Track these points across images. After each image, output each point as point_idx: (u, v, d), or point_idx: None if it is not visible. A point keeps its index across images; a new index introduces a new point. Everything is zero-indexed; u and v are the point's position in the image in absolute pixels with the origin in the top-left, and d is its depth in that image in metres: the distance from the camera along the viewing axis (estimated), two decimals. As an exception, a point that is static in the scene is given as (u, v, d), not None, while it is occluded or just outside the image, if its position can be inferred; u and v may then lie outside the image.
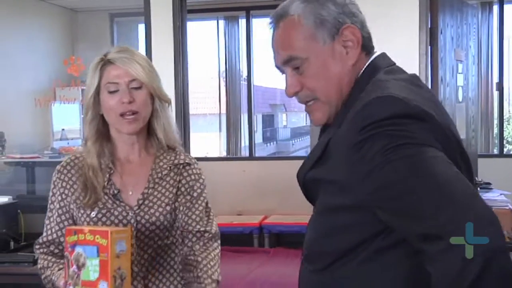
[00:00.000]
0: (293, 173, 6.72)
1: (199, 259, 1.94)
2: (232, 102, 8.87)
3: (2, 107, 5.32)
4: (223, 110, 9.29)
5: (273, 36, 1.50)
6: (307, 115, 1.53)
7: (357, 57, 1.44)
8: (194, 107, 9.28)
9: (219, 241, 2.04)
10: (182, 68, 4.11)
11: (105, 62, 1.89)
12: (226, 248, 6.56)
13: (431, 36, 4.46)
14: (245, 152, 8.82)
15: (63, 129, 6.12)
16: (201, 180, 2.00)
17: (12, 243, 3.39)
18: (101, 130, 1.91)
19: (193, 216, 1.97)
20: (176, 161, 1.95)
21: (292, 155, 15.73)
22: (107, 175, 1.90)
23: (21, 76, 5.57)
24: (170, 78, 5.45)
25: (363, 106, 1.32)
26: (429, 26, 4.46)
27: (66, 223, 1.90)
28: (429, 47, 4.44)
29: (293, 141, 20.12)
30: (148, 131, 1.95)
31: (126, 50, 1.90)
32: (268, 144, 18.72)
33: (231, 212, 7.19)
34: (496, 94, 7.23)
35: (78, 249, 1.65)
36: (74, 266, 1.65)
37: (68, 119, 6.27)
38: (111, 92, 1.86)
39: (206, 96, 10.84)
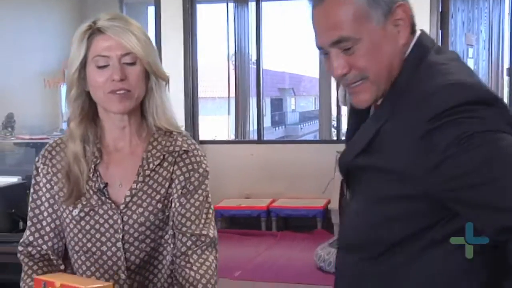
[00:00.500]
0: (301, 157, 6.77)
1: (197, 276, 1.61)
2: (241, 86, 8.85)
3: (12, 88, 5.33)
4: (232, 94, 9.27)
5: (315, 14, 1.36)
6: (347, 96, 1.51)
7: (407, 37, 1.36)
8: (202, 90, 9.23)
9: (217, 248, 1.69)
10: (191, 51, 4.09)
11: (94, 31, 1.56)
12: (234, 231, 6.60)
13: (442, 20, 4.43)
14: (253, 136, 8.81)
15: (72, 111, 6.13)
16: (200, 170, 1.65)
17: (21, 223, 3.40)
18: (86, 110, 1.60)
19: (188, 214, 1.63)
20: (171, 148, 1.63)
21: (300, 139, 15.69)
22: (93, 166, 1.61)
23: (30, 58, 5.58)
24: (179, 61, 5.44)
25: (430, 94, 1.25)
26: (440, 10, 4.42)
27: (59, 213, 1.64)
28: (440, 31, 4.40)
29: (302, 125, 20.10)
30: (141, 113, 1.65)
31: (119, 18, 1.59)
32: (277, 128, 18.70)
33: (239, 195, 7.22)
34: (506, 79, 7.19)
35: None
36: None
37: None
38: (100, 67, 1.55)
39: (215, 79, 10.81)
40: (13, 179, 3.45)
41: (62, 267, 1.66)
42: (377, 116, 1.38)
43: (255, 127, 8.69)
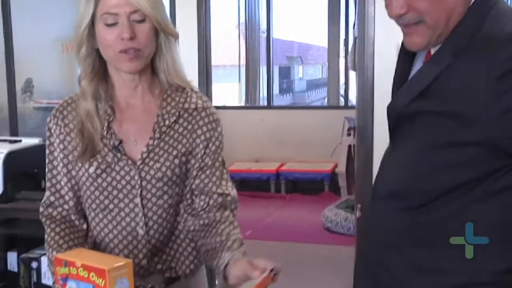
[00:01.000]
0: (310, 122, 6.77)
1: (223, 226, 1.57)
2: (251, 54, 8.83)
3: (30, 54, 5.34)
4: (243, 62, 9.26)
5: None
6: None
7: None
8: (214, 59, 9.16)
9: (237, 208, 1.66)
10: (205, 19, 4.08)
11: None
12: (244, 193, 6.66)
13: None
14: (263, 102, 8.83)
15: (88, 77, 6.15)
16: (219, 129, 1.61)
17: (43, 182, 3.45)
18: (97, 68, 1.55)
19: (210, 175, 1.60)
20: (186, 105, 1.58)
21: (309, 105, 15.65)
22: (106, 123, 1.55)
23: (48, 24, 5.57)
24: (193, 29, 5.41)
25: (506, 39, 1.17)
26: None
27: (73, 172, 1.58)
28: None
29: (309, 93, 20.00)
30: (152, 70, 1.59)
31: None
32: (285, 95, 18.64)
33: (249, 159, 7.26)
34: None
35: (71, 284, 1.35)
36: None
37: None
38: (108, 25, 1.48)
39: (226, 48, 10.78)
40: (34, 140, 3.48)
41: (85, 226, 1.62)
42: (436, 61, 1.28)
43: (265, 94, 8.71)
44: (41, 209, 1.66)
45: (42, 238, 3.40)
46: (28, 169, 3.33)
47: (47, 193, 1.65)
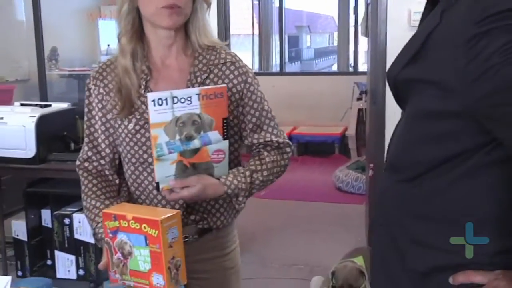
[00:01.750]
0: (319, 88, 6.77)
1: (269, 158, 1.60)
2: (264, 24, 8.78)
3: (54, 23, 5.35)
4: (256, 31, 9.21)
5: None
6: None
7: None
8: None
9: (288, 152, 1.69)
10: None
11: None
12: (258, 155, 6.68)
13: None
14: (275, 69, 8.80)
15: (108, 45, 6.15)
16: (250, 80, 1.59)
17: (72, 144, 3.49)
18: (136, 27, 1.54)
19: (264, 126, 1.61)
20: (216, 61, 1.57)
21: (320, 71, 15.58)
22: (144, 82, 1.56)
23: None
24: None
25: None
26: None
27: (111, 130, 1.59)
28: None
29: (316, 61, 19.88)
30: (185, 33, 1.59)
31: None
32: (293, 63, 18.54)
33: (263, 124, 7.24)
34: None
35: (121, 236, 1.35)
36: (119, 253, 1.37)
37: (113, 35, 6.30)
38: None
39: (240, 18, 10.72)
40: (63, 105, 3.51)
41: (117, 181, 1.64)
42: (427, 22, 1.15)
43: (277, 61, 8.67)
44: (77, 163, 1.66)
45: (74, 196, 3.48)
46: (58, 132, 3.37)
47: (85, 148, 1.65)
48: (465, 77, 1.02)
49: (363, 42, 6.55)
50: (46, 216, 3.26)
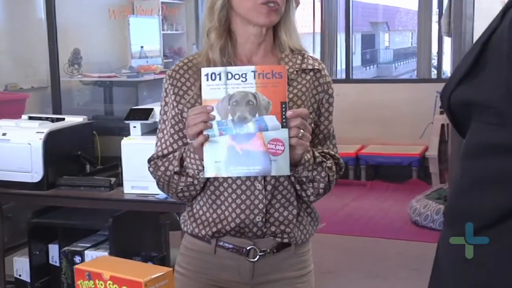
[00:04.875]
0: (395, 98, 6.58)
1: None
2: (328, 20, 8.73)
3: (78, 22, 5.41)
4: (318, 29, 9.18)
5: None
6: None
7: None
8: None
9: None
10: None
11: None
12: (317, 179, 6.63)
13: None
14: (341, 75, 8.73)
15: (142, 47, 6.21)
16: (334, 94, 1.83)
17: (88, 166, 3.49)
18: (228, 22, 1.76)
19: (327, 141, 1.82)
20: (304, 66, 1.79)
21: (394, 78, 15.40)
22: None
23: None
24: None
25: None
26: None
27: (181, 133, 1.77)
28: None
29: (396, 64, 19.76)
30: (274, 34, 1.82)
31: None
32: (368, 67, 18.48)
33: (324, 141, 7.21)
34: None
35: None
36: None
37: (147, 35, 6.35)
38: None
39: (298, 13, 10.76)
40: (78, 119, 3.51)
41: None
42: (488, 26, 1.08)
43: (343, 66, 8.59)
44: (149, 158, 1.83)
45: (86, 229, 3.43)
46: (71, 151, 3.38)
47: (156, 149, 1.82)
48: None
49: (448, 42, 6.38)
50: (53, 252, 3.25)
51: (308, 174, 1.68)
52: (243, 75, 1.53)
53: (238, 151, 1.54)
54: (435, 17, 8.38)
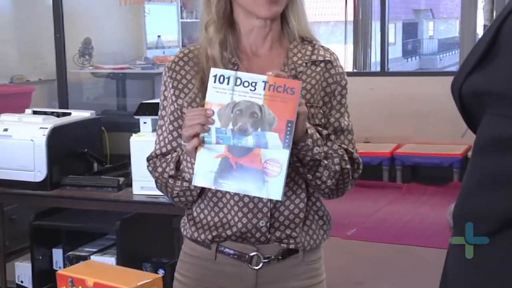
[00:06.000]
0: (436, 92, 6.53)
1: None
2: (362, 7, 8.71)
3: (89, 9, 5.45)
4: (350, 17, 9.16)
5: None
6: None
7: None
8: (314, 13, 9.07)
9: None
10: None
11: None
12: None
13: None
14: (375, 68, 8.69)
15: (158, 36, 6.23)
16: (347, 86, 1.83)
17: (95, 165, 3.51)
18: (227, 14, 1.77)
19: (342, 136, 1.80)
20: (314, 57, 1.80)
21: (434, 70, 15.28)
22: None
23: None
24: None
25: None
26: None
27: (180, 130, 1.74)
28: None
29: (441, 55, 19.59)
30: (281, 20, 1.82)
31: None
32: (409, 59, 18.34)
33: (357, 139, 7.04)
34: None
35: None
36: None
37: (164, 24, 6.37)
38: None
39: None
40: (85, 114, 3.53)
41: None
42: (503, 9, 1.08)
43: (378, 57, 8.55)
44: (148, 157, 1.84)
45: (91, 232, 3.45)
46: (77, 148, 3.41)
47: (155, 147, 1.84)
48: None
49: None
50: (57, 257, 3.28)
51: (319, 150, 1.65)
52: (253, 84, 1.52)
53: (232, 164, 1.54)
54: (481, 4, 8.30)
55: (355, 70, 8.59)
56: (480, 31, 8.38)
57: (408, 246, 5.17)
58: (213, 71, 1.55)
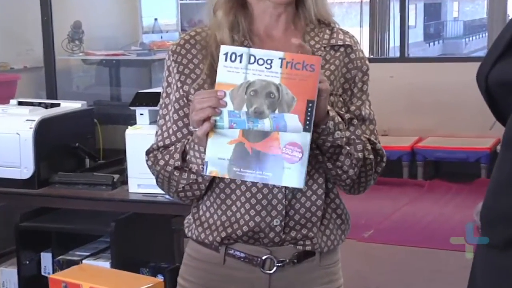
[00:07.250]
0: (461, 80, 6.59)
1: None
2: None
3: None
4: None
5: None
6: None
7: None
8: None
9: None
10: None
11: None
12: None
13: None
14: (394, 53, 8.68)
15: (155, 20, 6.24)
16: (369, 72, 1.84)
17: (87, 161, 3.52)
18: None
19: (363, 126, 1.81)
20: (333, 41, 1.81)
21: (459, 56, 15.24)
22: None
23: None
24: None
25: None
26: None
27: (186, 120, 1.76)
28: None
29: (467, 39, 19.55)
30: (297, 1, 1.82)
31: None
32: (432, 43, 18.33)
33: (374, 132, 7.18)
34: None
35: None
36: None
37: (161, 6, 6.38)
38: None
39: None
40: (75, 105, 3.54)
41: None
42: None
43: (397, 41, 8.55)
44: (147, 150, 1.83)
45: (83, 235, 3.46)
46: (67, 142, 3.41)
47: (157, 138, 1.83)
48: None
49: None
50: (46, 262, 3.29)
51: (341, 135, 1.64)
52: (268, 61, 1.51)
53: (247, 150, 1.53)
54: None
55: (371, 56, 8.61)
56: (511, 12, 8.37)
57: (430, 250, 5.16)
58: (224, 48, 1.53)
